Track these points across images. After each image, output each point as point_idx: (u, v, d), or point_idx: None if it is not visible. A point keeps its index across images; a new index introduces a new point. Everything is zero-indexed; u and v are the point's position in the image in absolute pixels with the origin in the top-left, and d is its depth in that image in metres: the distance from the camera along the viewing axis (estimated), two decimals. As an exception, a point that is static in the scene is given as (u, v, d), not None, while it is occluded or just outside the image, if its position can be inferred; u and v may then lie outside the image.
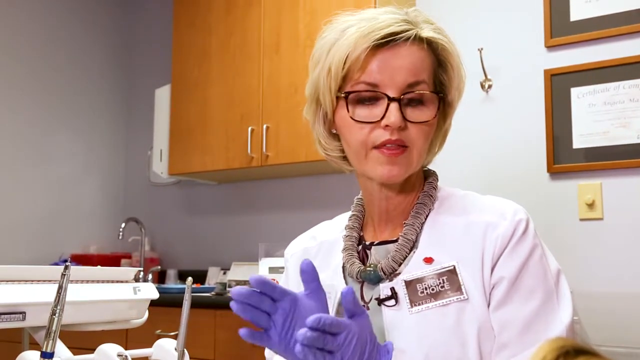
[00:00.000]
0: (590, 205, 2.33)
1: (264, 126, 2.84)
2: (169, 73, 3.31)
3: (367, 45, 0.93)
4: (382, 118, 0.94)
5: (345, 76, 0.96)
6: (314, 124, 1.05)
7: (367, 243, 1.04)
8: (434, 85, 0.98)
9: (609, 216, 2.30)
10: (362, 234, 1.07)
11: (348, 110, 0.96)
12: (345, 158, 1.06)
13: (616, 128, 2.31)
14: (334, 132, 1.03)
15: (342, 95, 0.97)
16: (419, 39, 0.96)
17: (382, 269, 0.98)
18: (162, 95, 3.34)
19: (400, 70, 0.94)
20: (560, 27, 2.44)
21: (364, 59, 0.94)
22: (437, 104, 0.97)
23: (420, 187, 1.05)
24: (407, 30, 0.94)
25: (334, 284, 1.02)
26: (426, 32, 0.96)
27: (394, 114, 0.93)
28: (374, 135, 0.95)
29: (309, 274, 0.85)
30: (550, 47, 2.46)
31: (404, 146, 0.95)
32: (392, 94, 0.94)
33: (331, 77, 0.97)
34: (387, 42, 0.94)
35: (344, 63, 0.95)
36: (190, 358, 1.06)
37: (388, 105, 0.94)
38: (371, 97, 0.95)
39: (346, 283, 1.01)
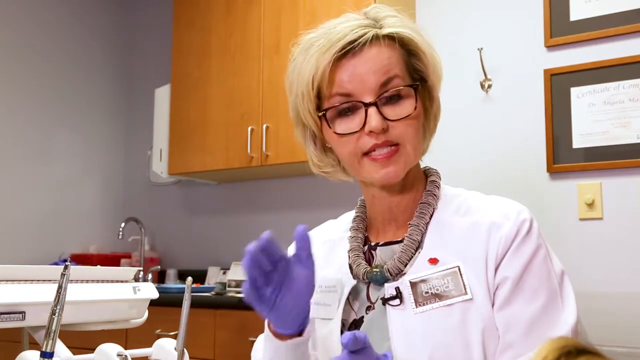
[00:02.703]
0: (590, 205, 2.33)
1: (264, 126, 2.84)
2: (169, 73, 3.31)
3: (327, 61, 0.94)
4: (364, 125, 0.94)
5: (318, 94, 0.98)
6: (305, 145, 1.08)
7: (372, 244, 1.04)
8: (409, 76, 0.98)
9: (608, 216, 2.30)
10: (367, 234, 1.07)
11: (329, 126, 0.97)
12: (340, 168, 1.07)
13: (616, 128, 2.30)
14: (329, 146, 1.04)
15: (321, 114, 0.98)
16: (380, 38, 0.96)
17: (388, 269, 0.98)
18: (162, 95, 3.34)
19: (368, 74, 0.94)
20: (560, 27, 2.44)
21: (330, 73, 0.95)
22: (415, 95, 0.97)
23: (420, 184, 1.05)
24: (364, 35, 0.95)
25: (340, 278, 1.02)
26: (386, 30, 0.96)
27: (374, 119, 0.93)
28: (361, 143, 0.96)
29: (305, 241, 0.85)
30: (550, 47, 2.46)
31: (394, 145, 0.96)
32: (367, 99, 0.94)
33: (306, 99, 0.98)
34: (347, 51, 0.95)
35: (312, 83, 0.96)
36: (190, 358, 1.06)
37: (366, 111, 0.94)
38: (349, 107, 0.96)
39: (354, 280, 1.01)
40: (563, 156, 2.38)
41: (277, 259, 0.84)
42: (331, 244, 1.10)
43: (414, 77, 0.99)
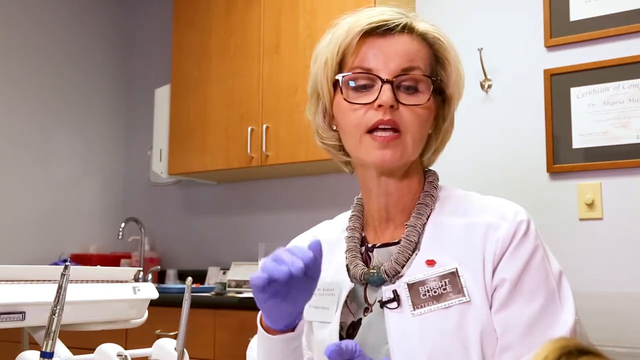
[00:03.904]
0: (590, 205, 2.33)
1: (264, 126, 2.84)
2: (169, 73, 3.31)
3: (359, 29, 0.96)
4: (376, 100, 0.95)
5: (340, 62, 0.99)
6: (314, 117, 1.07)
7: (370, 245, 1.04)
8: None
9: (608, 216, 2.30)
10: (363, 234, 1.07)
11: (342, 93, 0.98)
12: (341, 148, 1.06)
13: (616, 128, 2.30)
14: (334, 128, 1.04)
15: (338, 79, 0.98)
16: (413, 31, 0.98)
17: (385, 271, 0.97)
18: (162, 95, 3.34)
19: (394, 55, 0.96)
20: (560, 27, 2.44)
21: (357, 45, 0.96)
22: (431, 89, 0.98)
23: (419, 185, 1.05)
24: (400, 18, 0.97)
25: (337, 281, 1.02)
26: (421, 26, 0.99)
27: (386, 94, 0.94)
28: (367, 116, 0.96)
29: (317, 249, 0.85)
30: (550, 47, 2.46)
31: (396, 130, 0.96)
32: (385, 77, 0.95)
33: (328, 67, 0.99)
34: (380, 28, 0.96)
35: (338, 50, 0.98)
36: (190, 358, 1.05)
37: (381, 87, 0.95)
38: (366, 83, 0.97)
39: (352, 282, 1.01)
40: (563, 156, 2.38)
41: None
42: (329, 246, 1.09)
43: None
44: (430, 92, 0.97)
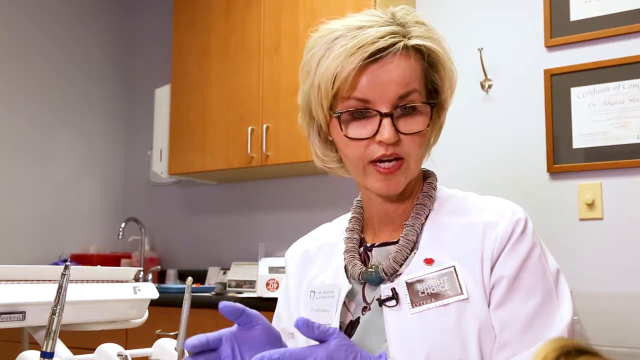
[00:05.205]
0: (590, 205, 2.33)
1: (264, 126, 2.84)
2: (169, 73, 3.31)
3: (354, 65, 0.92)
4: (376, 134, 0.94)
5: (335, 94, 0.96)
6: (309, 135, 1.06)
7: (368, 245, 1.04)
8: (426, 90, 0.98)
9: (608, 216, 2.30)
10: (362, 235, 1.07)
11: (341, 129, 0.96)
12: (342, 166, 1.07)
13: (616, 128, 2.31)
14: (330, 139, 1.04)
15: (335, 115, 0.97)
16: (408, 48, 0.95)
17: (383, 269, 0.98)
18: (162, 95, 3.34)
19: (390, 84, 0.93)
20: (560, 27, 2.45)
21: (352, 77, 0.93)
22: (430, 112, 0.97)
23: (419, 187, 1.05)
24: (395, 44, 0.93)
25: (337, 283, 1.02)
26: (414, 40, 0.95)
27: (387, 130, 0.93)
28: (369, 150, 0.95)
29: (231, 314, 0.86)
30: (550, 47, 2.46)
31: (399, 158, 0.95)
32: (384, 109, 0.94)
33: (322, 95, 0.97)
34: (376, 61, 0.93)
35: (333, 82, 0.94)
36: (190, 358, 1.06)
37: (381, 120, 0.94)
38: (363, 110, 0.95)
39: (350, 283, 1.02)
40: (563, 156, 2.39)
41: (216, 345, 0.86)
42: (328, 248, 1.10)
43: (428, 89, 0.99)
44: (430, 116, 0.97)
